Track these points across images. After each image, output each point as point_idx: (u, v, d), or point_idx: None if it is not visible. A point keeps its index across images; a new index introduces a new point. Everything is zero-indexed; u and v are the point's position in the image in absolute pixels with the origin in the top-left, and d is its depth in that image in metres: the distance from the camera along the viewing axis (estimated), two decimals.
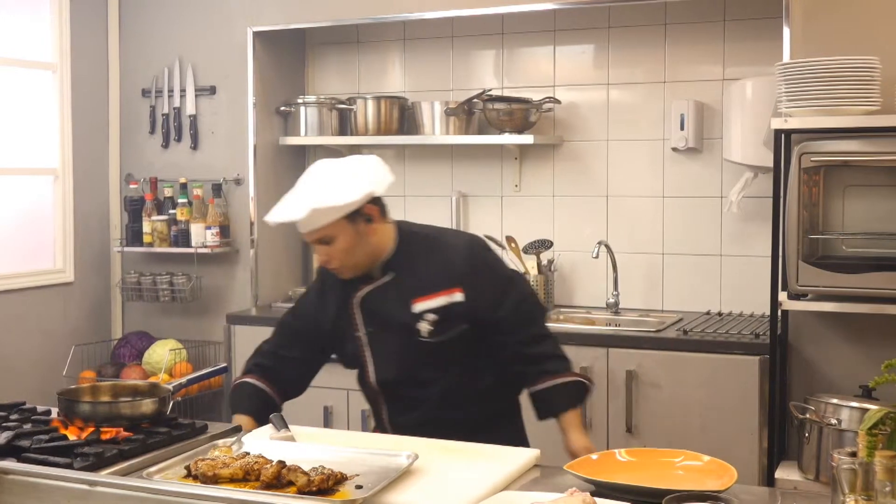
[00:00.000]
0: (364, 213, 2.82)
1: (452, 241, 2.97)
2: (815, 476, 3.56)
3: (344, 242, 2.79)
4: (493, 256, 3.04)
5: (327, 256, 2.82)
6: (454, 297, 2.84)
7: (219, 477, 2.12)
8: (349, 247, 2.80)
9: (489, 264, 2.97)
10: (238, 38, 5.08)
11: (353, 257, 2.82)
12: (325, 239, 2.79)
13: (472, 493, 2.10)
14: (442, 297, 2.84)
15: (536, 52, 4.91)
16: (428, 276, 2.87)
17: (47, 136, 5.16)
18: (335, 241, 2.78)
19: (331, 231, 2.77)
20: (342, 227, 2.78)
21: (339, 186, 2.80)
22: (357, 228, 2.80)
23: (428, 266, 2.88)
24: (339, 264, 2.83)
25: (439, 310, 2.83)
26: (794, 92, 3.60)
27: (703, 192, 4.61)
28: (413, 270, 2.88)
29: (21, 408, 2.72)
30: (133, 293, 5.31)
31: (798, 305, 3.73)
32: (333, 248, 2.80)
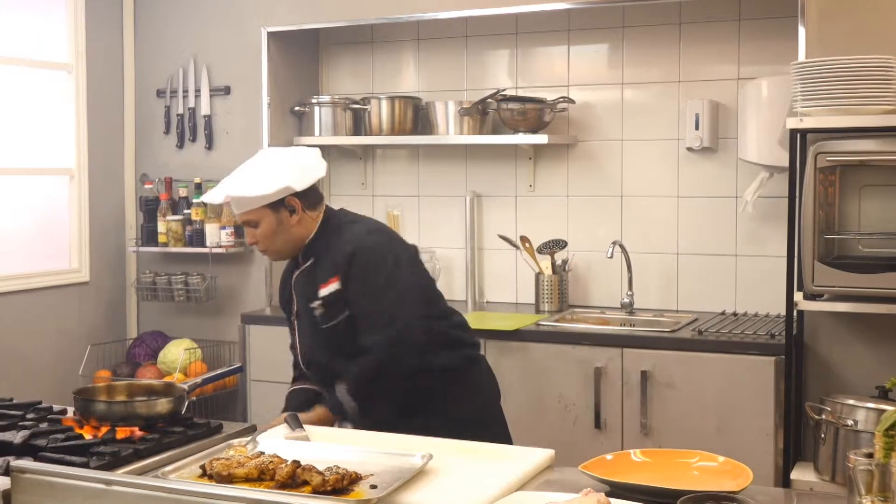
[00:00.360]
0: (287, 204, 3.05)
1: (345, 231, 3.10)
2: (832, 477, 3.54)
3: (266, 228, 3.06)
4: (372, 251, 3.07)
5: (253, 238, 3.10)
6: (335, 285, 3.03)
7: (234, 476, 2.12)
8: (270, 232, 3.06)
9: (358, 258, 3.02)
10: (252, 38, 5.08)
11: (274, 243, 3.09)
12: (249, 222, 3.07)
13: (487, 494, 2.10)
14: (331, 285, 3.03)
15: (551, 51, 4.91)
16: (325, 264, 3.07)
17: (63, 136, 5.19)
18: (259, 225, 3.06)
19: (254, 216, 3.05)
20: (265, 214, 3.04)
21: (263, 178, 3.06)
22: (279, 217, 3.05)
23: (328, 254, 3.07)
24: (263, 247, 3.11)
25: (328, 296, 3.03)
26: (809, 91, 3.59)
27: (718, 192, 4.60)
28: (323, 258, 3.09)
29: (37, 407, 2.73)
30: (148, 293, 5.33)
31: (814, 306, 3.72)
32: (258, 232, 3.07)
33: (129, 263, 5.46)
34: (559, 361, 4.19)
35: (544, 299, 4.72)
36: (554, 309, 4.69)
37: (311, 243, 3.11)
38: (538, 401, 4.23)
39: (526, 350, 4.25)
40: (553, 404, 4.21)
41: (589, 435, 4.14)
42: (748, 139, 4.33)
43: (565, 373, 4.18)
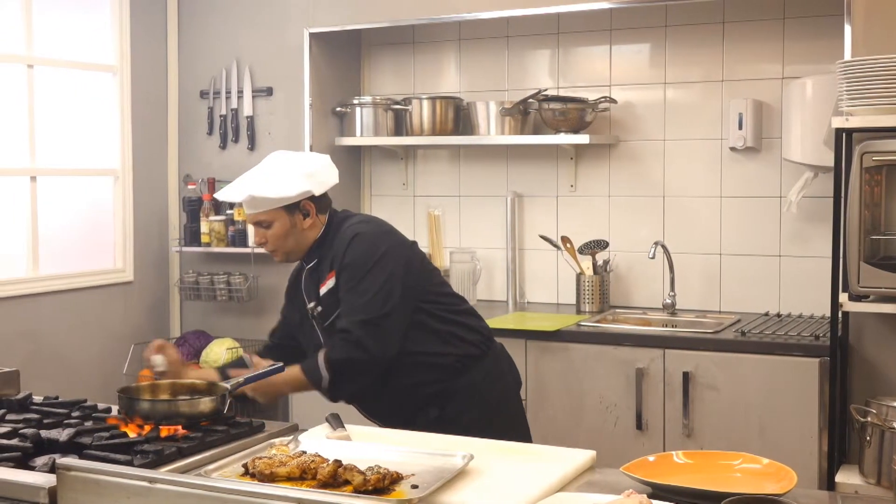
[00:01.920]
0: (302, 207, 3.09)
1: (343, 229, 3.11)
2: (877, 480, 3.50)
3: (278, 229, 3.09)
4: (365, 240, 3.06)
5: (263, 238, 3.12)
6: (332, 281, 3.06)
7: (276, 475, 2.13)
8: (282, 234, 3.09)
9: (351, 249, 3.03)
10: (294, 39, 5.11)
11: (285, 244, 3.12)
12: (262, 223, 3.10)
13: (528, 494, 2.10)
14: (329, 281, 3.07)
15: (592, 51, 4.89)
16: (326, 263, 3.10)
17: (108, 137, 5.24)
18: (271, 226, 3.09)
19: (268, 217, 3.08)
20: (280, 216, 3.08)
21: (284, 180, 3.09)
22: (293, 219, 3.09)
23: (329, 252, 3.10)
24: (272, 248, 3.13)
25: (325, 294, 3.07)
26: (855, 90, 3.55)
27: (762, 192, 4.56)
28: (322, 257, 3.12)
29: (82, 405, 2.76)
30: (191, 292, 5.37)
31: (859, 307, 3.68)
32: (268, 233, 3.10)
33: (173, 263, 5.51)
34: (600, 362, 4.18)
35: (585, 300, 4.70)
36: (595, 310, 4.67)
37: (316, 245, 3.14)
38: (579, 401, 4.21)
39: (567, 351, 4.24)
40: (594, 405, 4.19)
41: (630, 436, 4.12)
42: (792, 139, 4.29)
43: (606, 374, 4.17)
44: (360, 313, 2.96)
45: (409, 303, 3.05)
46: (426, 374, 3.08)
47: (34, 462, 2.26)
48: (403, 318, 3.03)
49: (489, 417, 3.09)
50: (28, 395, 2.82)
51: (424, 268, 3.22)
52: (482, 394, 3.11)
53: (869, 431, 3.50)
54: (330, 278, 3.06)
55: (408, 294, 3.05)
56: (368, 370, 3.00)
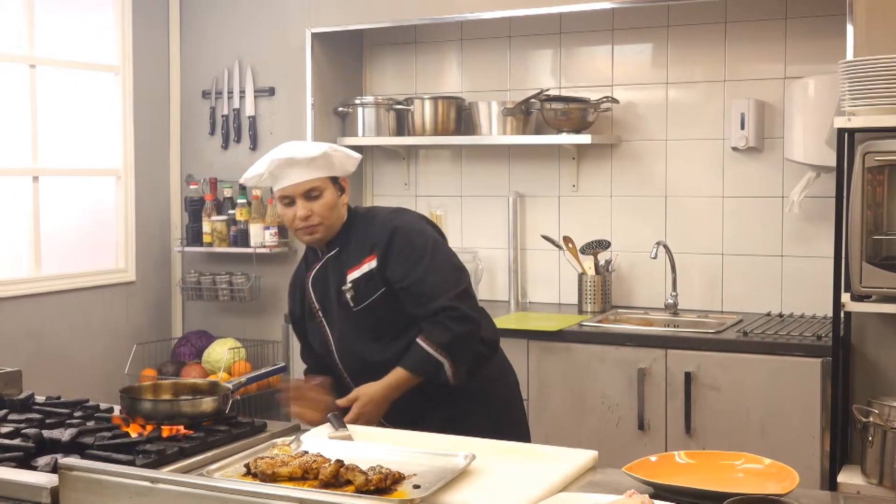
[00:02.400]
0: (341, 183, 3.06)
1: (380, 214, 3.10)
2: (879, 480, 3.50)
3: (329, 199, 3.00)
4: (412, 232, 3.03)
5: (310, 211, 2.98)
6: (371, 264, 2.97)
7: (278, 475, 2.13)
8: (332, 204, 3.01)
9: (401, 232, 3.00)
10: (296, 39, 5.11)
11: (331, 217, 3.01)
12: (314, 192, 2.98)
13: (530, 494, 2.10)
14: (364, 265, 2.98)
15: (594, 51, 4.89)
16: (358, 248, 3.02)
17: (110, 137, 5.24)
18: (322, 196, 2.99)
19: (322, 185, 2.99)
20: (329, 186, 3.01)
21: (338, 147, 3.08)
22: (336, 192, 3.03)
23: (358, 238, 3.03)
24: (319, 220, 3.00)
25: (360, 277, 2.98)
26: (857, 90, 3.55)
27: (764, 192, 4.56)
28: (350, 245, 3.04)
29: (84, 405, 2.76)
30: (193, 292, 5.37)
31: (861, 307, 3.68)
32: (318, 204, 2.99)
33: (175, 263, 5.51)
34: (602, 362, 4.18)
35: (587, 300, 4.70)
36: (597, 310, 4.67)
37: (338, 233, 3.07)
38: (581, 402, 4.21)
39: (569, 351, 4.24)
40: (596, 405, 4.19)
41: (632, 436, 4.12)
42: (794, 139, 4.29)
43: (608, 374, 4.17)
44: (449, 288, 2.92)
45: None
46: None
47: (36, 462, 2.26)
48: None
49: (496, 417, 3.08)
50: (30, 395, 2.82)
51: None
52: (491, 393, 3.10)
53: (871, 432, 3.50)
54: (367, 261, 2.97)
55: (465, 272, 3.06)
56: (475, 339, 2.98)
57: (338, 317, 3.05)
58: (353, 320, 3.02)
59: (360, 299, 2.99)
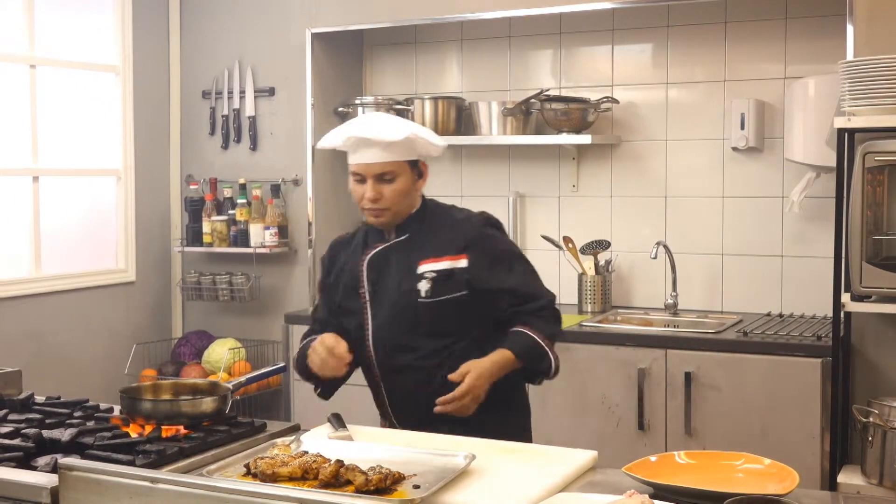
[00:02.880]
0: (420, 167, 2.91)
1: (467, 214, 3.00)
2: (879, 480, 3.50)
3: (402, 184, 2.84)
4: (502, 233, 3.02)
5: (380, 195, 2.83)
6: (459, 262, 2.86)
7: (278, 475, 2.13)
8: (405, 190, 2.86)
9: (497, 238, 2.96)
10: (297, 39, 5.11)
11: (402, 203, 2.87)
12: (387, 175, 2.83)
13: (530, 494, 2.10)
14: (447, 261, 2.86)
15: (594, 51, 4.89)
16: (438, 241, 2.89)
17: (110, 137, 5.24)
18: (396, 180, 2.84)
19: (397, 169, 2.83)
20: (405, 169, 2.85)
21: (423, 130, 2.90)
22: (413, 177, 2.88)
23: (440, 232, 2.91)
24: (388, 204, 2.85)
25: (442, 271, 2.85)
26: (858, 90, 3.55)
27: (764, 192, 4.56)
28: (425, 234, 2.91)
29: (84, 405, 2.76)
30: (193, 292, 5.37)
31: (861, 307, 3.68)
32: (390, 188, 2.83)
33: (175, 263, 5.51)
34: (602, 362, 4.18)
35: (587, 300, 4.70)
36: (597, 310, 4.67)
37: (409, 219, 2.92)
38: (581, 402, 4.21)
39: (569, 351, 4.23)
40: (596, 405, 4.19)
41: (632, 436, 4.12)
42: (795, 139, 4.29)
43: (608, 374, 4.16)
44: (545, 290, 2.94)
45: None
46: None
47: (36, 462, 2.27)
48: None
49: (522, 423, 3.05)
50: (30, 395, 2.82)
51: None
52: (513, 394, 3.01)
53: (871, 432, 3.50)
54: (452, 259, 2.85)
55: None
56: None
57: (390, 303, 2.90)
58: (410, 310, 2.87)
59: (435, 293, 2.85)
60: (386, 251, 2.93)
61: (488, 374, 2.78)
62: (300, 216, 5.19)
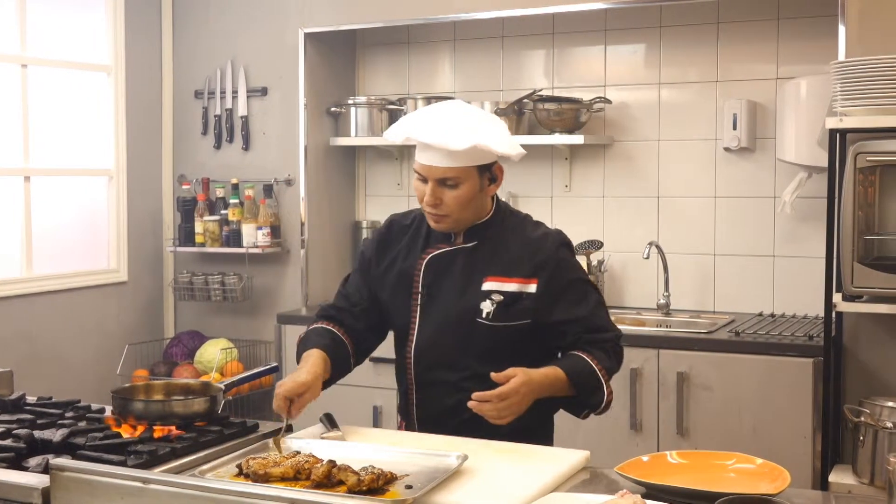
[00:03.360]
0: (493, 171, 2.70)
1: (543, 232, 2.79)
2: (870, 480, 3.51)
3: (466, 191, 2.64)
4: (575, 259, 2.87)
5: (440, 200, 2.64)
6: (528, 287, 2.67)
7: (270, 476, 2.13)
8: (469, 197, 2.65)
9: (571, 263, 2.78)
10: (289, 39, 5.11)
11: (465, 210, 2.67)
12: (449, 181, 2.62)
13: (522, 494, 2.10)
14: (515, 284, 2.67)
15: (587, 51, 4.89)
16: (509, 258, 2.70)
17: (102, 137, 5.23)
18: (459, 186, 2.63)
19: (462, 175, 2.62)
20: (472, 176, 2.64)
21: (500, 132, 2.68)
22: (482, 183, 2.67)
23: (512, 247, 2.72)
24: (447, 212, 2.66)
25: (509, 294, 2.66)
26: (849, 91, 3.55)
27: (756, 193, 4.56)
28: (496, 246, 2.72)
29: (75, 406, 2.76)
30: (185, 293, 5.36)
31: (853, 307, 3.68)
32: (452, 194, 2.64)
33: (167, 263, 5.50)
34: None
35: None
36: None
37: (480, 225, 2.74)
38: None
39: None
40: None
41: (625, 436, 4.12)
42: (786, 139, 4.30)
43: None
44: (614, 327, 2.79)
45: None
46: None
47: (27, 462, 2.26)
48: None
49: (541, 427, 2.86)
50: (22, 396, 2.81)
51: None
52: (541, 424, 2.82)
53: (862, 431, 3.51)
54: (522, 282, 2.67)
55: None
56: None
57: (444, 315, 2.72)
58: (469, 326, 2.69)
59: (498, 317, 2.66)
60: (448, 255, 2.74)
61: (537, 386, 2.56)
62: (293, 216, 5.19)
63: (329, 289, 5.19)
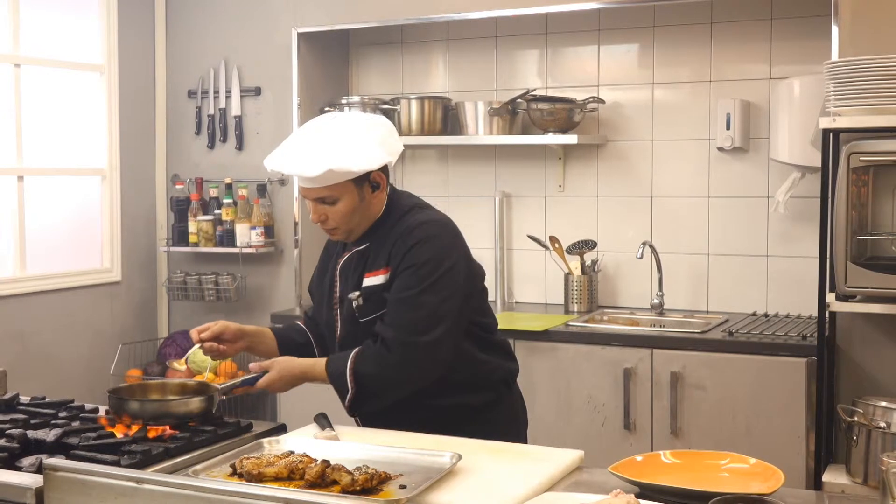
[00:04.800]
0: (372, 179, 2.72)
1: (416, 222, 2.75)
2: (864, 480, 3.52)
3: (345, 206, 2.70)
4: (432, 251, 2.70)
5: (324, 216, 2.72)
6: (382, 277, 2.72)
7: (263, 475, 2.13)
8: (350, 210, 2.70)
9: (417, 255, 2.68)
10: (283, 39, 5.11)
11: (350, 222, 2.73)
12: (326, 199, 2.69)
13: (516, 494, 2.10)
14: (378, 276, 2.73)
15: (581, 51, 4.90)
16: (380, 251, 2.75)
17: (95, 137, 5.23)
18: (338, 202, 2.69)
19: (336, 192, 2.67)
20: (348, 190, 2.68)
21: (358, 148, 2.66)
22: (362, 193, 2.71)
23: (385, 241, 2.75)
24: (335, 225, 2.74)
25: (368, 288, 2.73)
26: (842, 91, 3.56)
27: (750, 193, 4.57)
28: (377, 242, 2.77)
29: (69, 406, 2.75)
30: (179, 292, 5.36)
31: (846, 307, 3.69)
32: (333, 209, 2.71)
33: (160, 263, 5.50)
34: (588, 362, 4.18)
35: (573, 300, 4.71)
36: (583, 309, 4.68)
37: (371, 227, 2.78)
38: (567, 401, 4.22)
39: (555, 351, 4.24)
40: (582, 405, 4.20)
41: (618, 436, 4.12)
42: (780, 139, 4.30)
43: (594, 374, 4.17)
44: (407, 331, 2.63)
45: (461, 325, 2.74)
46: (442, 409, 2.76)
47: (21, 462, 2.25)
48: (453, 342, 2.69)
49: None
50: (15, 396, 2.81)
51: (476, 286, 2.87)
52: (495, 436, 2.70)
53: (856, 431, 3.52)
54: (381, 273, 2.71)
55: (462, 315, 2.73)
56: (398, 392, 2.70)
57: (347, 315, 2.80)
58: (359, 327, 2.76)
59: (365, 312, 2.74)
60: (349, 260, 2.83)
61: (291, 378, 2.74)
62: (286, 216, 5.19)
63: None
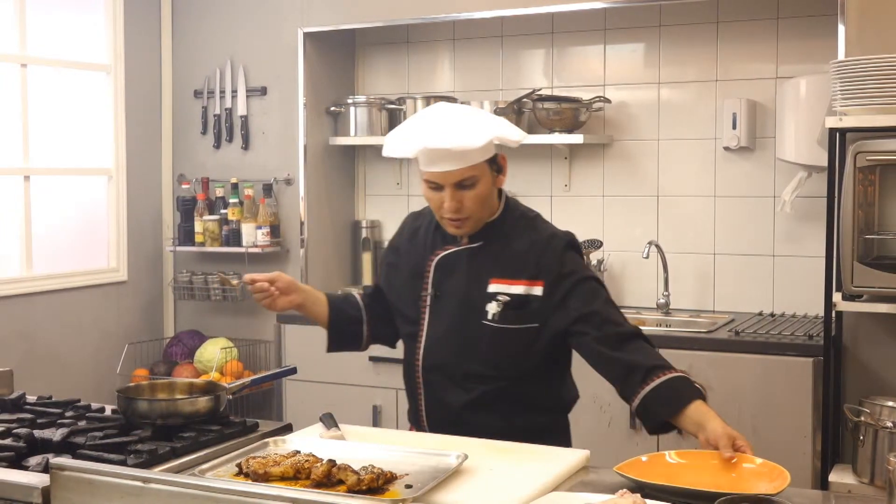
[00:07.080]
0: (499, 162, 2.66)
1: (550, 232, 2.72)
2: (870, 480, 3.51)
3: (484, 188, 2.61)
4: (582, 259, 2.81)
5: (460, 203, 2.60)
6: (534, 289, 2.63)
7: (269, 475, 2.13)
8: (486, 194, 2.62)
9: (578, 265, 2.71)
10: (289, 38, 5.11)
11: (483, 208, 2.64)
12: (469, 181, 2.59)
13: (522, 494, 2.10)
14: (521, 286, 2.63)
15: (587, 51, 4.89)
16: (515, 259, 2.66)
17: (101, 136, 5.23)
18: (476, 185, 2.60)
19: (478, 171, 2.58)
20: (485, 171, 2.61)
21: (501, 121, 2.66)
22: (493, 176, 2.64)
23: (517, 248, 2.67)
24: (468, 214, 2.62)
25: (515, 297, 2.63)
26: (849, 90, 3.55)
27: (756, 192, 4.56)
28: (503, 246, 2.68)
29: (76, 405, 2.75)
30: (185, 292, 5.36)
31: (853, 307, 3.68)
32: (471, 194, 2.60)
33: (166, 263, 5.50)
34: None
35: None
36: None
37: (487, 225, 2.69)
38: None
39: None
40: (588, 405, 4.18)
41: (624, 436, 4.12)
42: (786, 138, 4.29)
43: None
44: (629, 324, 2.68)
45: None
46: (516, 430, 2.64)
47: (27, 462, 2.26)
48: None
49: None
50: (21, 395, 2.81)
51: None
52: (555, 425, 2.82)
53: (862, 431, 3.51)
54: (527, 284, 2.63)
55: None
56: None
57: (451, 318, 2.70)
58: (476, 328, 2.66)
59: (505, 319, 2.63)
60: (455, 256, 2.72)
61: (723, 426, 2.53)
62: (292, 216, 5.19)
63: (328, 288, 5.18)
